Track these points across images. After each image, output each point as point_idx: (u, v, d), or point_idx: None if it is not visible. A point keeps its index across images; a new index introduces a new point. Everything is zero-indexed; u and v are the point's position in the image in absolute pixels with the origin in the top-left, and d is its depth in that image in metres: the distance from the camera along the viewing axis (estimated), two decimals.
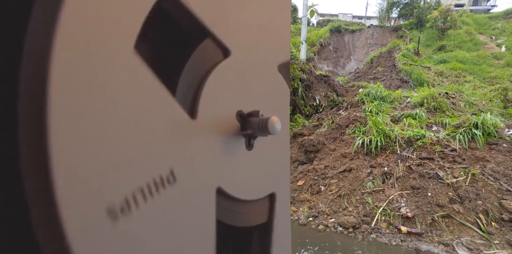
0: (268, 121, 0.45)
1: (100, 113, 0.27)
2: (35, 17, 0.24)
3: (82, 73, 0.26)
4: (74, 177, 0.25)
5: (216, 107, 0.45)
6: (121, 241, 0.29)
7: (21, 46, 0.24)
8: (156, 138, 0.34)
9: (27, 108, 0.23)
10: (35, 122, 0.23)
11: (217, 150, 0.44)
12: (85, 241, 0.25)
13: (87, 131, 0.26)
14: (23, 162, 0.23)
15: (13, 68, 0.23)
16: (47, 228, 0.24)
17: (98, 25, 0.27)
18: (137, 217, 0.30)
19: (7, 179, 0.24)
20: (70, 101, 0.25)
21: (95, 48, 0.27)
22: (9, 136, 0.23)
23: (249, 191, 0.51)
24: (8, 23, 0.24)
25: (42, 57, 0.23)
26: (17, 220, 0.24)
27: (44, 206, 0.23)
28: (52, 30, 0.24)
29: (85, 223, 0.25)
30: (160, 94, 0.35)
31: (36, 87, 0.23)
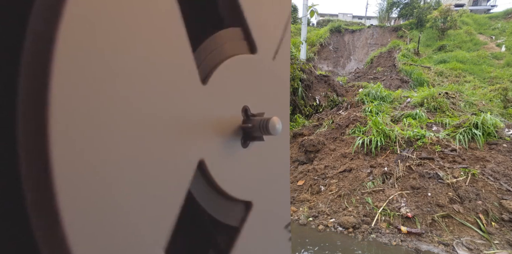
0: (269, 121, 0.45)
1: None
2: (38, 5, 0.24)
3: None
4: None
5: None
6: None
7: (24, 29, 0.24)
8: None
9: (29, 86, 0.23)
10: (36, 102, 0.23)
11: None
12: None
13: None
14: (22, 161, 0.23)
15: (13, 63, 0.23)
16: (47, 228, 0.24)
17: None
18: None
19: (7, 179, 0.24)
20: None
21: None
22: (8, 133, 0.23)
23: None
24: (8, 16, 0.24)
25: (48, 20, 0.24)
26: (17, 220, 0.24)
27: (44, 206, 0.23)
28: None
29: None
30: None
31: (40, 54, 0.23)
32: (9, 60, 0.23)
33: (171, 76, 0.35)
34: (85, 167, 0.26)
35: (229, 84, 0.46)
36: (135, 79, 0.31)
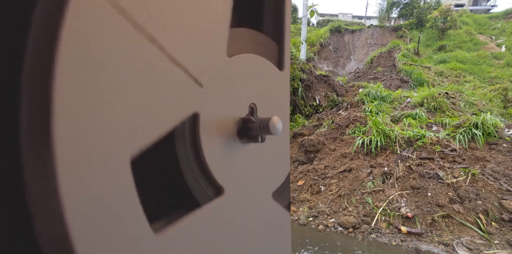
0: (269, 121, 0.45)
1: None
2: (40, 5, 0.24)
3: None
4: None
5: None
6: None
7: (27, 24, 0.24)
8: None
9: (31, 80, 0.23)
10: (39, 99, 0.23)
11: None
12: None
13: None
14: (25, 161, 0.23)
15: (15, 62, 0.23)
16: (50, 228, 0.24)
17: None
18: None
19: (8, 179, 0.24)
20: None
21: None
22: (11, 132, 0.23)
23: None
24: (10, 17, 0.24)
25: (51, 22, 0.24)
26: (18, 221, 0.24)
27: (47, 206, 0.23)
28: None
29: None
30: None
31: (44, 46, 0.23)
32: (12, 60, 0.23)
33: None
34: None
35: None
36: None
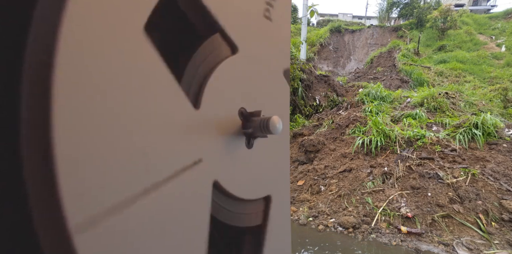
0: (269, 121, 0.45)
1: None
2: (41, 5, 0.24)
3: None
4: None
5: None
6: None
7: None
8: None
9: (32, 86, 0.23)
10: (39, 106, 0.23)
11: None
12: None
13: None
14: (25, 161, 0.23)
15: (15, 61, 0.23)
16: (51, 229, 0.24)
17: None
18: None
19: (9, 179, 0.24)
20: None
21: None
22: (11, 132, 0.23)
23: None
24: (10, 17, 0.24)
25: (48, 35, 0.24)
26: (18, 221, 0.24)
27: (47, 206, 0.23)
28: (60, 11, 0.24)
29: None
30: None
31: (42, 59, 0.23)
32: (12, 60, 0.23)
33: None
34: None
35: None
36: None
